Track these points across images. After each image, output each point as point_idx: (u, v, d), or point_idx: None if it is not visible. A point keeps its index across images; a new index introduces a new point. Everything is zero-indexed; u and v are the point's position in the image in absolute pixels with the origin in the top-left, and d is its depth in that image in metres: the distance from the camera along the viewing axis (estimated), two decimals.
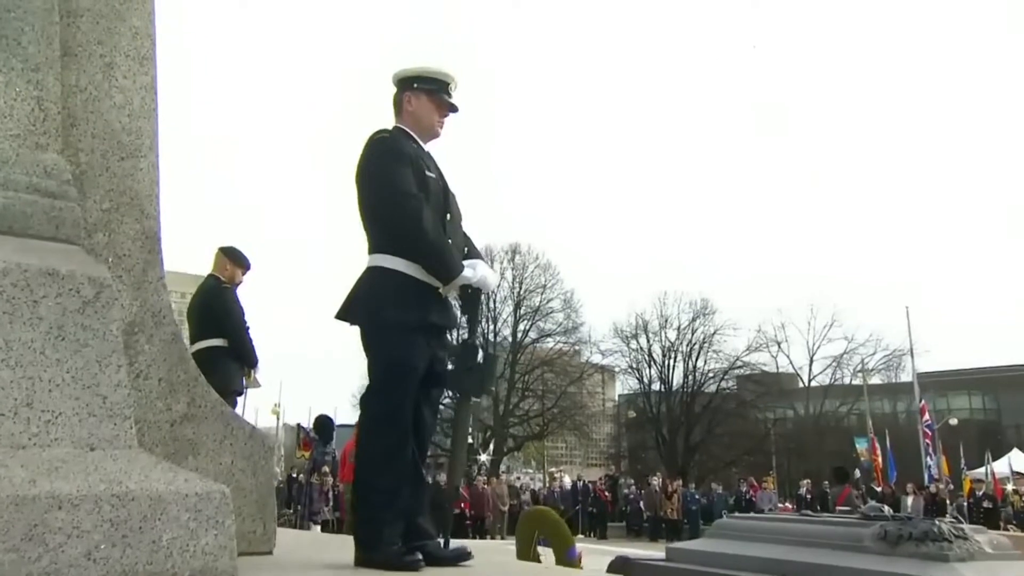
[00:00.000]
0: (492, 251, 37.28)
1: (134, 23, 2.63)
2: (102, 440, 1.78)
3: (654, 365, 37.18)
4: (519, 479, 43.54)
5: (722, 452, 36.10)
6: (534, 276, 37.01)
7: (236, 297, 4.54)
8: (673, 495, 20.31)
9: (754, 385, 37.34)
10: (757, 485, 22.69)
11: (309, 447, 11.28)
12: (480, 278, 2.55)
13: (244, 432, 2.50)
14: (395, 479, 2.32)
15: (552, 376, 36.46)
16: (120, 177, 2.48)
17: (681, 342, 36.79)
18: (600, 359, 38.63)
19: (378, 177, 2.50)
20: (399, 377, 2.39)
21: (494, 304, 36.78)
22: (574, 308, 37.08)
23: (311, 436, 11.09)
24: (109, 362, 1.86)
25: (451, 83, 2.69)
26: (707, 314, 36.59)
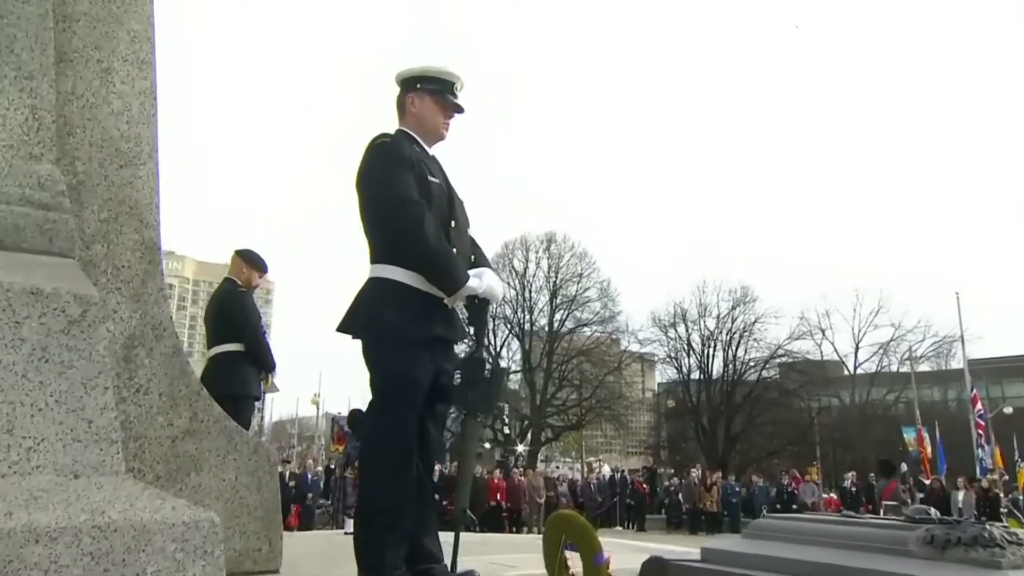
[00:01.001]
0: (527, 241, 37.23)
1: (132, 27, 2.56)
2: (87, 466, 1.71)
3: (693, 354, 36.69)
4: (558, 467, 43.55)
5: (764, 442, 35.50)
6: (570, 265, 36.79)
7: (252, 301, 4.49)
8: (712, 487, 19.97)
9: (797, 374, 36.57)
10: (800, 477, 22.22)
11: (343, 441, 11.29)
12: (487, 288, 2.42)
13: (248, 447, 2.43)
14: (399, 499, 2.22)
15: (589, 366, 36.21)
16: (119, 186, 2.42)
17: (721, 331, 36.21)
18: (638, 348, 38.28)
19: (377, 183, 2.39)
20: (402, 393, 2.29)
21: (530, 294, 36.70)
22: (611, 297, 36.79)
23: (345, 430, 11.10)
24: (95, 384, 1.78)
25: (456, 83, 2.57)
26: (747, 302, 35.95)
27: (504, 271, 37.02)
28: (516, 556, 6.73)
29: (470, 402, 2.34)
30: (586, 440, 40.80)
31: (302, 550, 4.43)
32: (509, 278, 36.96)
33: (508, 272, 36.92)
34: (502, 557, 6.78)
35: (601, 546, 4.02)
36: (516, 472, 19.20)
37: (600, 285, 36.75)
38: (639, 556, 7.64)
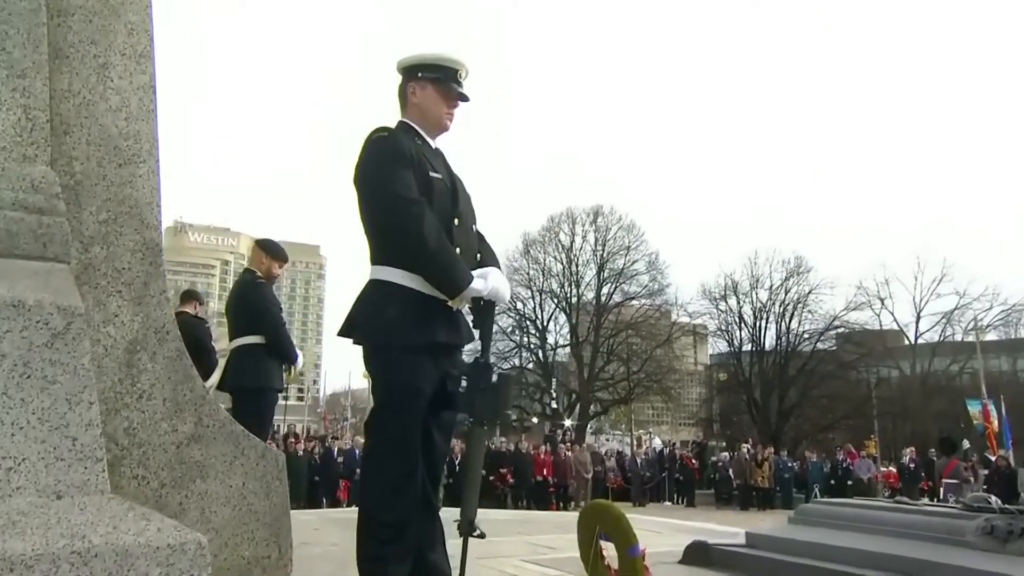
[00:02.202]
0: (574, 214, 36.87)
1: (130, 19, 2.47)
2: (70, 486, 1.65)
3: (745, 327, 35.97)
4: (608, 440, 43.47)
5: (818, 416, 34.76)
6: (617, 238, 36.35)
7: (272, 292, 4.44)
8: (764, 463, 19.60)
9: (853, 346, 35.56)
10: (855, 452, 21.63)
11: None
12: (492, 289, 2.29)
13: (256, 452, 2.37)
14: (403, 512, 2.12)
15: (638, 340, 35.88)
16: (118, 185, 2.35)
17: (773, 303, 35.38)
18: (688, 321, 37.74)
19: (375, 182, 2.26)
20: (404, 402, 2.19)
21: (577, 268, 36.42)
22: (659, 270, 36.28)
23: None
24: (80, 399, 1.72)
25: (460, 70, 2.42)
26: (801, 273, 34.99)
27: (550, 245, 36.84)
28: (556, 537, 6.65)
29: (476, 410, 2.22)
30: (635, 414, 40.56)
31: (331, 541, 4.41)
32: (555, 252, 36.78)
33: (555, 246, 36.74)
34: (542, 538, 6.73)
35: (636, 538, 3.88)
36: (563, 447, 19.15)
37: (648, 257, 36.28)
38: (684, 537, 7.51)
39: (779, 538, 5.52)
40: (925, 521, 4.82)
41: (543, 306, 36.99)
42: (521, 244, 37.16)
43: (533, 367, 37.02)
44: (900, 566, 4.24)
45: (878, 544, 4.71)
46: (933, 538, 4.47)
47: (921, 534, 4.60)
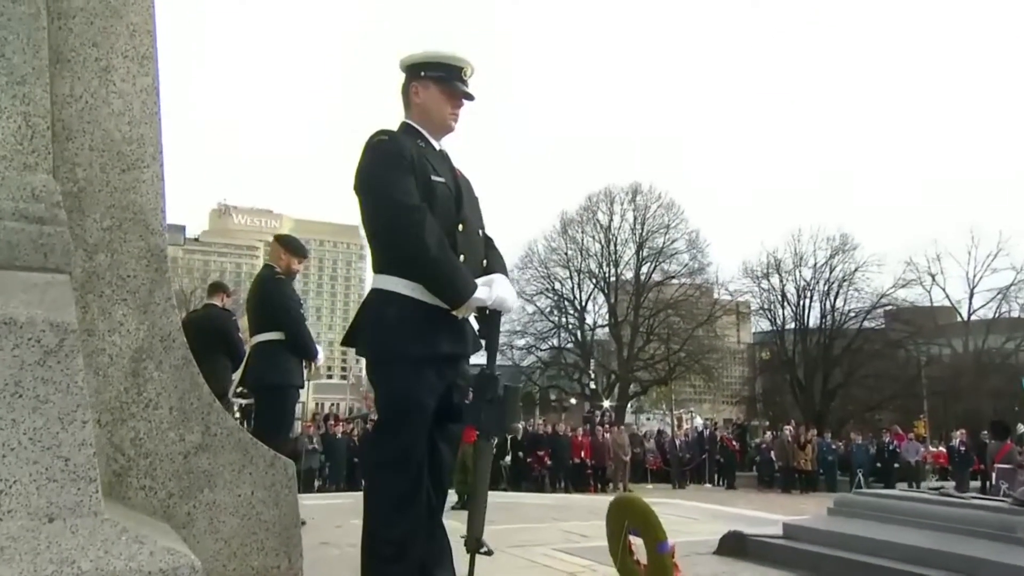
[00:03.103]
0: (612, 193, 36.47)
1: (132, 19, 2.42)
2: (63, 508, 1.62)
3: (788, 305, 35.28)
4: (649, 419, 43.22)
5: (864, 396, 34.02)
6: (657, 216, 35.87)
7: (291, 289, 4.42)
8: (807, 445, 19.23)
9: (902, 324, 34.63)
10: (902, 434, 21.09)
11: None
12: (496, 298, 2.20)
13: (264, 460, 2.33)
14: (406, 529, 2.07)
15: (678, 319, 35.49)
16: (122, 191, 2.31)
17: (818, 281, 34.60)
18: (729, 300, 37.15)
19: (374, 188, 2.19)
20: (406, 416, 2.12)
21: (615, 247, 36.08)
22: (700, 248, 35.75)
23: None
24: (73, 419, 1.69)
25: (465, 68, 2.33)
26: (847, 250, 34.13)
27: (588, 224, 36.53)
28: (590, 524, 6.58)
29: (482, 422, 2.15)
30: (675, 394, 40.25)
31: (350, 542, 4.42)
32: (593, 231, 36.47)
33: (592, 225, 36.43)
34: (577, 524, 6.68)
35: (665, 533, 3.78)
36: (600, 429, 19.07)
37: (689, 236, 35.77)
38: (720, 525, 7.37)
39: (818, 530, 5.36)
40: (973, 515, 4.62)
41: (581, 286, 36.81)
42: (559, 224, 36.96)
43: (571, 348, 36.93)
44: (946, 563, 4.06)
45: (922, 539, 4.53)
46: (982, 534, 4.28)
47: (969, 529, 4.41)
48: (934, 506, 5.02)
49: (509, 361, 37.21)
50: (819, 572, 4.79)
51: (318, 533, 4.15)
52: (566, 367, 37.07)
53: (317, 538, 3.75)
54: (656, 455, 20.87)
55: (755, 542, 5.54)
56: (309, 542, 3.71)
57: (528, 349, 36.76)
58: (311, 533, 4.09)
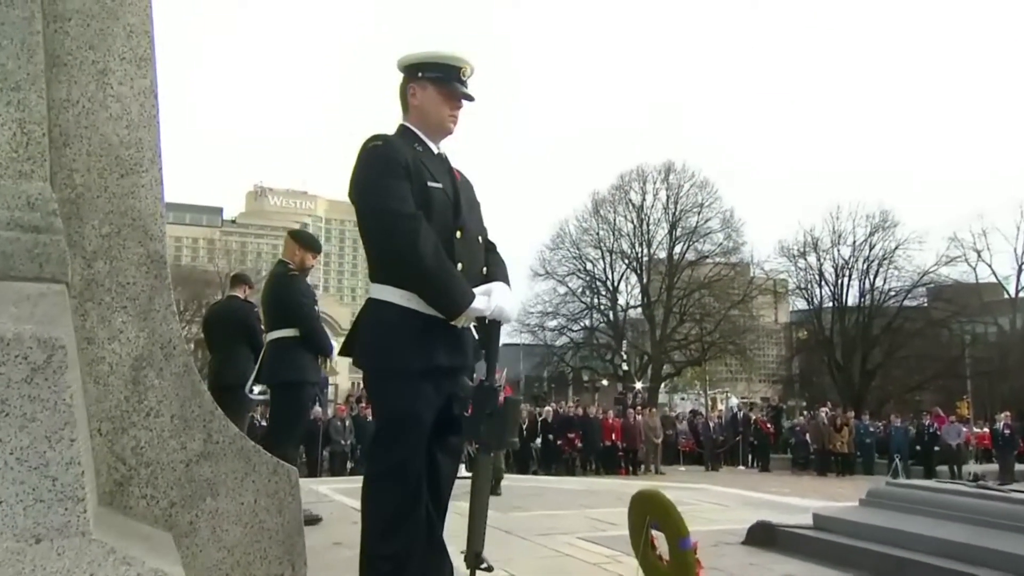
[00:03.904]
0: (644, 172, 36.02)
1: (129, 20, 2.38)
2: (50, 529, 1.61)
3: (826, 284, 34.62)
4: (683, 398, 42.89)
5: (905, 376, 33.33)
6: (690, 195, 35.38)
7: (304, 285, 4.39)
8: (843, 427, 18.89)
9: (944, 303, 33.74)
10: (943, 416, 20.60)
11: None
12: (495, 308, 2.13)
13: (268, 468, 2.30)
14: (403, 544, 2.02)
15: (712, 299, 35.08)
16: (120, 197, 2.28)
17: (856, 259, 33.86)
18: (765, 280, 36.57)
19: (367, 196, 2.13)
20: (403, 431, 2.07)
21: (648, 227, 35.70)
22: (734, 227, 35.20)
23: None
24: (60, 437, 1.67)
25: (464, 68, 2.25)
26: (887, 227, 33.29)
27: (620, 204, 36.17)
28: (618, 511, 6.51)
29: (481, 436, 2.09)
30: (710, 374, 39.88)
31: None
32: (626, 211, 36.12)
33: (624, 205, 36.08)
34: (605, 512, 6.62)
35: (688, 529, 3.69)
36: (631, 412, 18.96)
37: (723, 215, 35.23)
38: (750, 513, 7.23)
39: (849, 521, 5.22)
40: (1011, 510, 4.45)
41: (613, 266, 36.55)
42: (591, 204, 36.66)
43: (604, 328, 36.77)
44: (983, 559, 3.93)
45: (958, 533, 4.38)
46: (1020, 528, 4.13)
47: (1007, 524, 4.25)
48: (972, 499, 4.85)
49: (541, 342, 37.22)
50: (849, 564, 4.67)
51: (332, 531, 4.13)
52: (598, 348, 36.94)
53: (330, 537, 3.74)
54: (689, 437, 20.73)
55: (784, 533, 5.42)
56: (322, 542, 3.71)
57: (560, 330, 36.72)
58: (324, 531, 4.09)
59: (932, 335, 33.69)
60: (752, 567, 4.71)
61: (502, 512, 7.01)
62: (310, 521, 3.99)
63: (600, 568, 4.53)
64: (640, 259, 36.16)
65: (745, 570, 4.62)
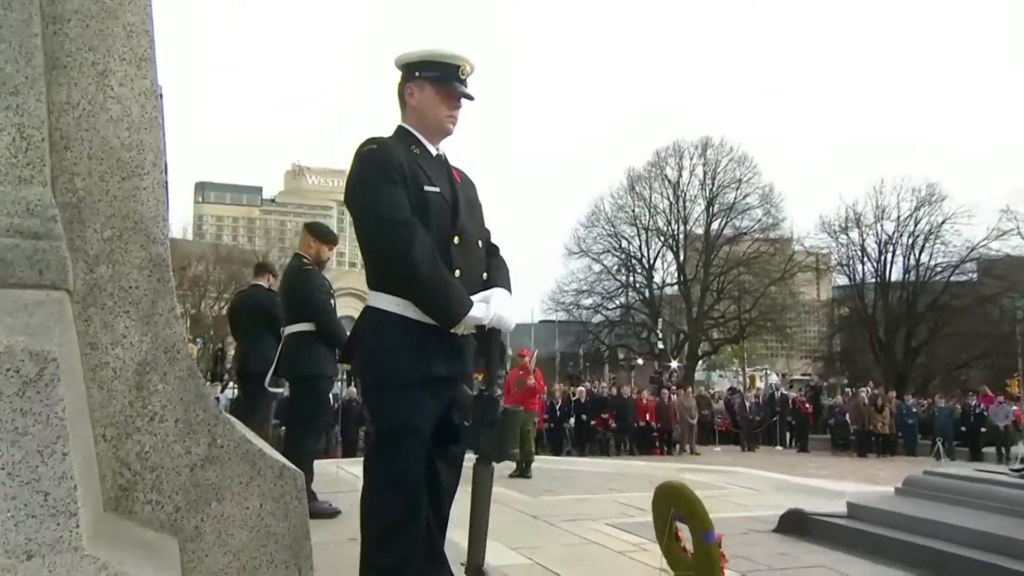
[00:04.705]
0: (680, 147, 35.44)
1: (128, 20, 2.34)
2: (42, 544, 1.60)
3: (868, 261, 33.77)
4: (722, 376, 42.47)
5: (950, 355, 32.43)
6: (728, 171, 34.76)
7: (320, 278, 4.36)
8: (884, 408, 18.48)
9: (994, 279, 32.65)
10: (991, 396, 20.00)
11: (482, 370, 11.45)
12: (494, 316, 2.07)
13: (273, 472, 2.29)
14: (402, 555, 1.99)
15: (750, 277, 34.53)
16: (122, 200, 2.26)
17: (901, 234, 32.94)
18: (805, 257, 35.84)
19: (361, 202, 2.08)
20: (399, 442, 2.04)
21: (684, 204, 35.20)
22: (773, 203, 34.51)
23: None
24: (52, 451, 1.66)
25: (462, 66, 2.17)
26: (934, 201, 32.26)
27: (656, 181, 35.69)
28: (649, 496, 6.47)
29: (481, 446, 2.04)
30: (748, 352, 39.39)
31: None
32: (662, 188, 35.63)
33: (660, 181, 35.58)
34: (633, 496, 6.57)
35: (712, 524, 3.62)
36: (666, 392, 18.80)
37: (762, 190, 34.55)
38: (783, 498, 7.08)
39: (884, 510, 5.07)
40: None
41: (649, 244, 36.17)
42: (626, 181, 36.24)
43: (639, 306, 36.51)
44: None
45: (999, 525, 4.23)
46: None
47: None
48: (1014, 489, 4.68)
49: (576, 319, 37.13)
50: (884, 556, 4.55)
51: (349, 526, 4.13)
52: (634, 326, 36.72)
53: (346, 533, 3.73)
54: (725, 416, 20.51)
55: (817, 521, 5.30)
56: (336, 538, 3.70)
57: (595, 308, 36.55)
58: (342, 525, 4.08)
59: (981, 312, 32.68)
60: (782, 557, 4.61)
61: (531, 496, 7.02)
62: (328, 515, 4.01)
63: (626, 557, 4.48)
64: (676, 236, 35.73)
65: (775, 560, 4.53)
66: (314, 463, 4.44)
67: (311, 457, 4.25)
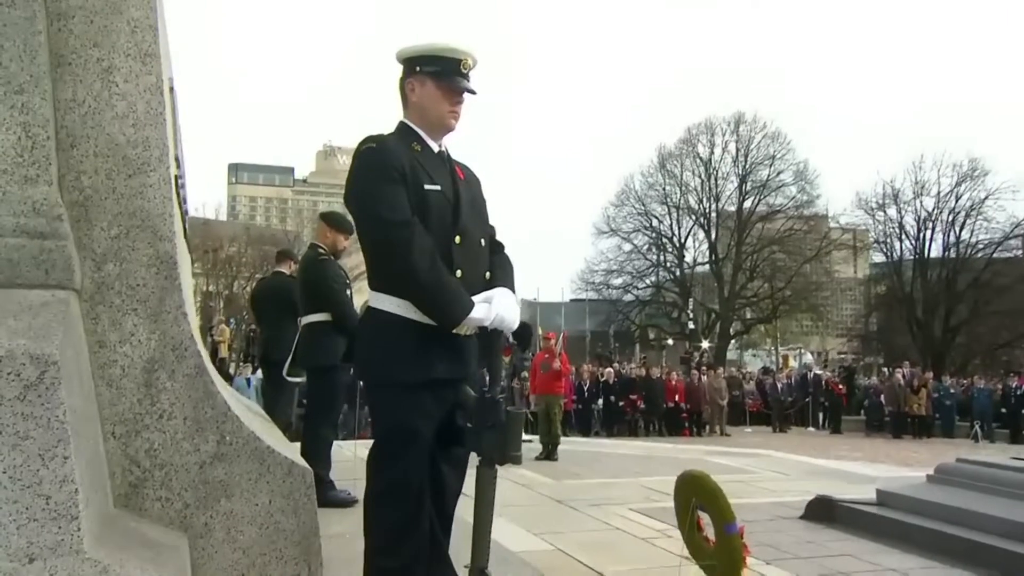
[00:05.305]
0: (712, 124, 34.83)
1: (132, 15, 2.32)
2: (44, 548, 1.62)
3: (906, 238, 32.96)
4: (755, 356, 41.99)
5: (991, 334, 31.59)
6: (761, 147, 34.11)
7: (335, 269, 4.35)
8: (920, 389, 18.11)
9: None
10: None
11: (508, 352, 11.48)
12: (496, 317, 2.03)
13: (282, 468, 2.29)
14: (406, 559, 1.98)
15: (783, 255, 33.97)
16: (128, 198, 2.25)
17: (941, 211, 32.05)
18: (840, 234, 35.13)
19: (360, 202, 2.05)
20: (401, 445, 2.02)
21: (716, 181, 34.67)
22: (808, 180, 33.80)
23: (510, 342, 11.22)
24: (54, 455, 1.67)
25: (464, 60, 2.12)
26: (976, 177, 31.29)
27: (687, 158, 35.19)
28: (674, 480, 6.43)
29: (484, 449, 2.00)
30: (782, 331, 38.89)
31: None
32: (693, 165, 35.14)
33: (692, 159, 35.09)
34: (659, 480, 6.52)
35: (733, 514, 3.57)
36: (696, 373, 18.64)
37: (796, 167, 33.84)
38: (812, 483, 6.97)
39: (915, 498, 4.97)
40: None
41: (680, 222, 35.76)
42: (656, 159, 35.78)
43: (670, 286, 36.21)
44: None
45: None
46: None
47: None
48: None
49: (605, 299, 36.96)
50: (914, 545, 4.46)
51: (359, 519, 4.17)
52: (665, 305, 36.44)
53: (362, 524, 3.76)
54: (756, 397, 20.29)
55: (845, 508, 5.22)
56: (351, 528, 3.70)
57: (625, 288, 36.32)
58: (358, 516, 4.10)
59: None
60: (808, 545, 4.54)
61: (556, 479, 7.02)
62: (346, 504, 4.03)
63: (649, 544, 4.45)
64: (708, 214, 35.26)
65: (801, 548, 4.46)
66: (333, 446, 4.45)
67: (328, 447, 4.27)
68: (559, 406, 9.29)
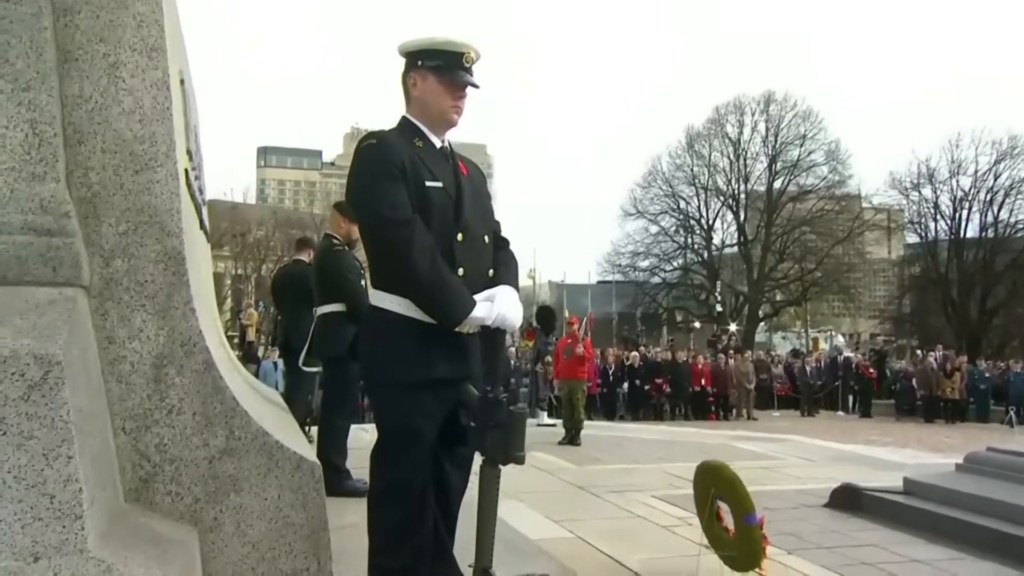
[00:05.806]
0: (742, 103, 34.26)
1: (138, 9, 2.30)
2: (48, 547, 1.63)
3: (942, 218, 32.21)
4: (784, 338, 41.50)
5: None
6: (792, 126, 33.47)
7: (349, 259, 4.34)
8: (954, 373, 17.75)
9: None
10: None
11: (532, 336, 11.49)
12: (498, 316, 2.00)
13: (291, 463, 2.29)
14: (409, 558, 1.97)
15: (814, 236, 33.40)
16: (136, 193, 2.25)
17: (978, 190, 31.23)
18: (873, 215, 34.43)
19: (361, 200, 2.04)
20: (403, 445, 2.00)
21: (745, 162, 34.12)
22: (840, 160, 33.13)
23: (534, 326, 11.24)
24: (58, 454, 1.68)
25: (466, 53, 2.08)
26: (1016, 155, 30.40)
27: (716, 139, 34.68)
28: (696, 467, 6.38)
29: (487, 448, 1.98)
30: (812, 313, 38.34)
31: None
32: (721, 145, 34.64)
33: (720, 139, 34.57)
34: (682, 467, 6.47)
35: (752, 504, 3.52)
36: (722, 357, 18.46)
37: (827, 147, 33.18)
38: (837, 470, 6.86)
39: (943, 487, 4.87)
40: None
41: (708, 204, 35.33)
42: (684, 139, 35.31)
43: (698, 268, 35.86)
44: None
45: None
46: None
47: None
48: None
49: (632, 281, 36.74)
50: (941, 535, 4.38)
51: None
52: (692, 288, 36.13)
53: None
54: (785, 381, 20.06)
55: (870, 497, 5.13)
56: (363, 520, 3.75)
57: (652, 270, 36.04)
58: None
59: None
60: (832, 535, 4.47)
61: (578, 465, 7.00)
62: (361, 493, 4.04)
63: (670, 532, 4.42)
64: (736, 196, 34.78)
65: (824, 538, 4.40)
66: (349, 430, 4.48)
67: (344, 436, 4.30)
68: (582, 391, 9.28)
